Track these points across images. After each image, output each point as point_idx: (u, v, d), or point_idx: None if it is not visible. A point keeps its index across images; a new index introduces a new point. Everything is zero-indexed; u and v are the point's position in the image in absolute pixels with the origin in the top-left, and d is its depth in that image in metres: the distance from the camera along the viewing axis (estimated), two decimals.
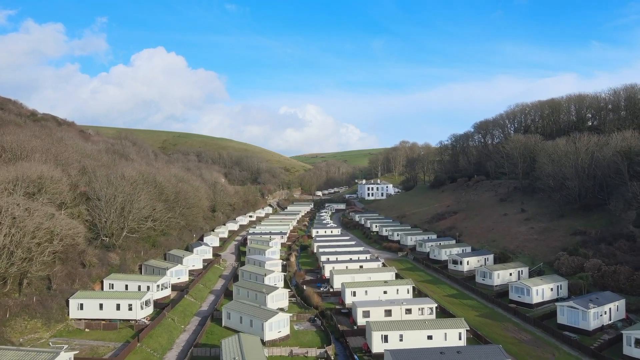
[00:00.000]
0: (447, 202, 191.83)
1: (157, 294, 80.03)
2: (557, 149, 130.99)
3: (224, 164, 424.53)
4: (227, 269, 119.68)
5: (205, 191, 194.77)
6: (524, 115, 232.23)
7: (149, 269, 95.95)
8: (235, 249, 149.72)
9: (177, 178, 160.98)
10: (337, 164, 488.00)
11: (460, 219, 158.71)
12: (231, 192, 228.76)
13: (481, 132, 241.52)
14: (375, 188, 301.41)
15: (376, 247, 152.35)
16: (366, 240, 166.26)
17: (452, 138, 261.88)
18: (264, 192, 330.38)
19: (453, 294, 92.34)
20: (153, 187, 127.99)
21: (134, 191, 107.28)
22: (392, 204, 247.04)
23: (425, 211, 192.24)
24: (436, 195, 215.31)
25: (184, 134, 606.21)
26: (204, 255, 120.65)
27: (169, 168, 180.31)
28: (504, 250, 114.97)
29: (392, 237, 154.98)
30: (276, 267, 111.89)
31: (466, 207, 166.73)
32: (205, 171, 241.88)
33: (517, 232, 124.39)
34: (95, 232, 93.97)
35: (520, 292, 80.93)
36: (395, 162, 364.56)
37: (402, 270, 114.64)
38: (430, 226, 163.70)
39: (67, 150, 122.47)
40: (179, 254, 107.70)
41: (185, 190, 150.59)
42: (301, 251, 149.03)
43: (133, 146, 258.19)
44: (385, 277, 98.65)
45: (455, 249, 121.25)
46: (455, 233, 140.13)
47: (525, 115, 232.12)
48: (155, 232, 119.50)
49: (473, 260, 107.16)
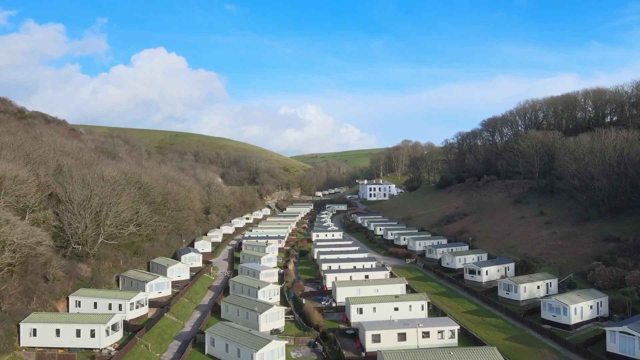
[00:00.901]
0: (456, 203, 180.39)
1: (131, 314, 68.59)
2: (581, 146, 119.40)
3: (221, 163, 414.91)
4: (219, 279, 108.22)
5: (198, 192, 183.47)
6: (535, 111, 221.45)
7: (127, 281, 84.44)
8: (229, 254, 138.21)
9: (167, 178, 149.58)
10: (337, 164, 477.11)
11: (472, 221, 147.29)
12: (227, 193, 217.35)
13: (489, 130, 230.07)
14: (377, 188, 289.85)
15: (381, 252, 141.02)
16: (370, 245, 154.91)
17: (458, 136, 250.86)
18: (262, 193, 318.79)
19: (473, 311, 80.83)
20: (137, 188, 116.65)
21: (112, 193, 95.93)
22: (396, 205, 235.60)
23: (432, 213, 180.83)
24: (443, 196, 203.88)
25: (181, 133, 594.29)
26: (192, 263, 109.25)
27: (159, 168, 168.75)
28: (525, 257, 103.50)
29: (398, 242, 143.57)
30: (272, 278, 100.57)
31: (477, 209, 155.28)
32: (200, 171, 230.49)
33: (538, 237, 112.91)
34: (64, 240, 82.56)
35: (555, 311, 69.40)
36: (398, 162, 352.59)
37: (411, 280, 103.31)
38: (439, 229, 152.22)
39: (41, 147, 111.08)
40: (163, 263, 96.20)
41: (175, 192, 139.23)
42: (300, 257, 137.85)
43: (125, 145, 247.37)
44: (395, 290, 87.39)
45: (470, 256, 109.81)
46: (468, 238, 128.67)
47: (536, 112, 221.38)
48: (140, 238, 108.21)
49: (492, 269, 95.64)
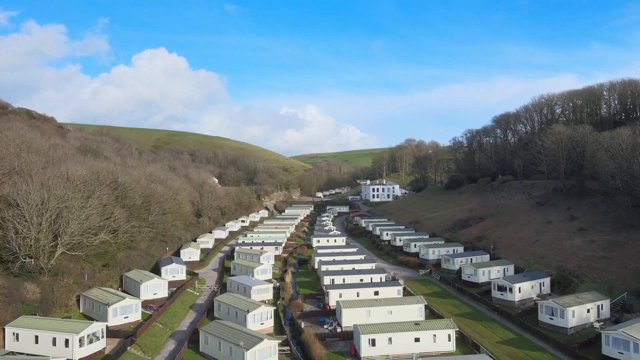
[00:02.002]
0: (469, 205, 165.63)
1: (81, 351, 53.81)
2: (619, 141, 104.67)
3: (219, 163, 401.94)
4: (204, 294, 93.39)
5: (189, 193, 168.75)
6: (550, 107, 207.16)
7: (89, 302, 69.65)
8: (219, 263, 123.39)
9: (151, 178, 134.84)
10: (338, 164, 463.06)
11: (490, 226, 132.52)
12: (221, 194, 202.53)
13: (502, 127, 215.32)
14: (380, 189, 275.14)
15: (389, 261, 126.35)
16: (376, 252, 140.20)
17: (468, 134, 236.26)
18: (260, 194, 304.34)
19: (511, 340, 66.03)
20: (112, 189, 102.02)
21: (77, 195, 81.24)
22: (402, 207, 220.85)
23: (443, 216, 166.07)
24: (454, 198, 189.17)
25: (178, 132, 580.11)
26: (174, 275, 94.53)
27: (145, 167, 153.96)
28: (561, 271, 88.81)
29: (408, 249, 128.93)
30: (265, 294, 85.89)
31: (495, 213, 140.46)
32: (193, 170, 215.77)
33: (572, 247, 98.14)
34: (11, 252, 67.88)
35: (623, 346, 54.64)
36: (402, 161, 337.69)
37: (428, 296, 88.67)
38: (452, 235, 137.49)
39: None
40: (136, 278, 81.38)
41: (160, 193, 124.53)
42: (299, 265, 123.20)
43: (115, 143, 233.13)
44: (412, 313, 72.76)
45: (494, 268, 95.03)
46: (489, 246, 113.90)
47: (552, 107, 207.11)
48: (115, 247, 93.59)
49: (526, 286, 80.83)
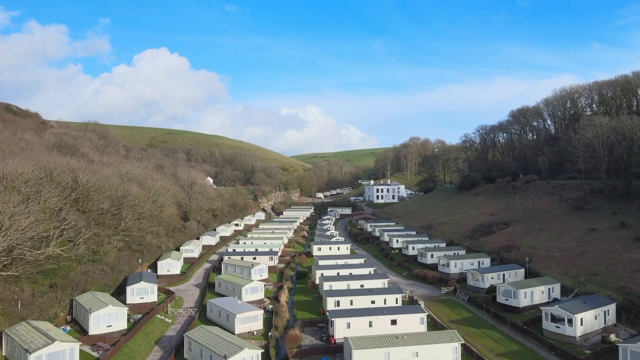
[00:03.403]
0: (488, 208, 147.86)
1: None
2: None
3: (215, 162, 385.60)
4: (179, 320, 75.42)
5: (174, 194, 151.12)
6: (572, 100, 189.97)
7: (11, 344, 51.81)
8: (204, 277, 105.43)
9: (127, 177, 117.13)
10: (339, 163, 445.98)
11: (518, 233, 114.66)
12: (212, 195, 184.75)
13: (520, 121, 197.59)
14: (385, 190, 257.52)
15: (403, 274, 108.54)
16: (386, 262, 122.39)
17: (481, 130, 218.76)
18: (256, 194, 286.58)
19: None
20: (70, 190, 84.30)
21: (12, 197, 63.51)
22: (410, 209, 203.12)
23: (459, 221, 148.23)
24: (469, 200, 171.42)
25: (174, 130, 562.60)
26: (143, 297, 76.81)
27: (122, 164, 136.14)
28: (625, 293, 70.98)
29: (423, 259, 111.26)
30: (254, 324, 68.11)
31: (522, 217, 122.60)
32: (182, 169, 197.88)
33: (633, 261, 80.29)
34: None
35: None
36: (407, 161, 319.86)
37: (457, 324, 71.12)
38: (474, 243, 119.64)
39: None
40: (86, 306, 63.37)
41: (135, 195, 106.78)
42: (298, 279, 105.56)
43: (100, 140, 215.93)
44: (445, 355, 54.99)
45: (538, 288, 77.06)
46: (522, 258, 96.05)
47: (574, 100, 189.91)
48: (69, 263, 76.06)
49: (589, 316, 62.89)
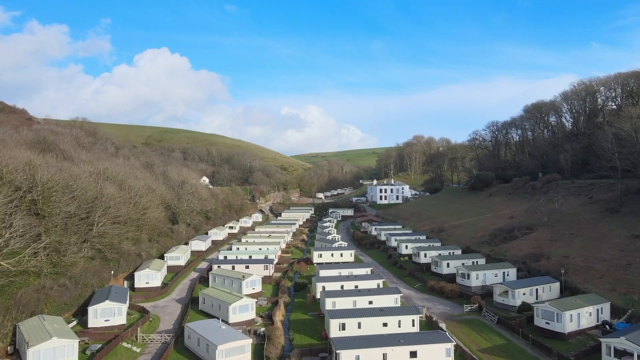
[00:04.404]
0: (506, 210, 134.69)
1: None
2: None
3: (212, 161, 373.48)
4: (150, 348, 62.17)
5: (161, 195, 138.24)
6: (592, 94, 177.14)
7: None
8: (189, 289, 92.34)
9: (104, 176, 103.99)
10: (340, 163, 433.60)
11: (545, 240, 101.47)
12: (205, 196, 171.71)
13: (535, 118, 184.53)
14: (389, 190, 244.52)
15: (415, 286, 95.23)
16: (395, 271, 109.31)
17: (492, 127, 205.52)
18: (254, 195, 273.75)
19: None
20: (25, 190, 71.20)
21: None
22: (417, 210, 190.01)
23: (473, 224, 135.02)
24: (482, 201, 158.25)
25: (171, 129, 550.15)
26: (107, 319, 63.70)
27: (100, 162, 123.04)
28: None
29: (438, 269, 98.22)
30: (240, 357, 54.95)
31: (548, 221, 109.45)
32: (173, 168, 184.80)
33: None
34: None
35: None
36: (412, 160, 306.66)
37: (488, 353, 58.10)
38: (494, 250, 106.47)
39: None
40: (27, 335, 50.23)
41: (110, 195, 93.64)
42: (296, 291, 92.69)
43: (88, 137, 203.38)
44: None
45: (584, 309, 63.80)
46: (554, 268, 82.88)
47: (593, 95, 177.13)
48: (22, 277, 63.24)
49: None
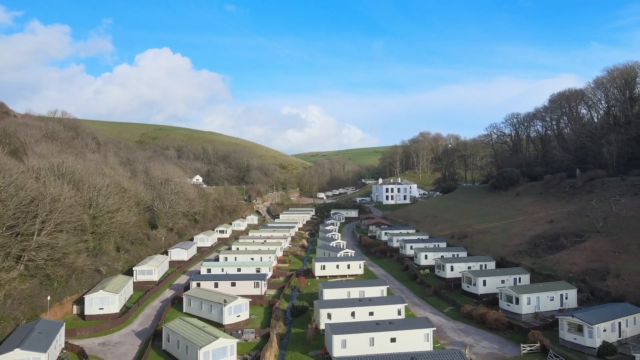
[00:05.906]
0: (542, 213, 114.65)
1: None
2: None
3: (208, 159, 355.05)
4: None
5: (138, 194, 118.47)
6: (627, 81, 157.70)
7: None
8: (156, 317, 72.24)
9: (57, 172, 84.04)
10: (341, 161, 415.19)
11: (605, 251, 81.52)
12: (192, 196, 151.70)
13: (563, 108, 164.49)
14: (396, 190, 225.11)
15: (445, 310, 75.31)
16: (414, 287, 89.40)
17: (513, 119, 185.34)
18: (251, 195, 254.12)
19: None
20: None
21: None
22: (430, 212, 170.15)
23: (503, 229, 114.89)
24: (509, 202, 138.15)
25: (165, 127, 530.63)
26: None
27: (58, 155, 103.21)
28: None
29: (472, 288, 78.48)
30: None
31: (604, 227, 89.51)
32: (156, 165, 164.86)
33: None
34: None
35: None
36: (419, 157, 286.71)
37: None
38: (538, 263, 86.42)
39: None
40: None
41: (57, 196, 73.60)
42: (294, 317, 73.14)
43: (67, 132, 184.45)
44: None
45: None
46: (635, 292, 62.99)
47: (629, 82, 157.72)
48: None
49: None
